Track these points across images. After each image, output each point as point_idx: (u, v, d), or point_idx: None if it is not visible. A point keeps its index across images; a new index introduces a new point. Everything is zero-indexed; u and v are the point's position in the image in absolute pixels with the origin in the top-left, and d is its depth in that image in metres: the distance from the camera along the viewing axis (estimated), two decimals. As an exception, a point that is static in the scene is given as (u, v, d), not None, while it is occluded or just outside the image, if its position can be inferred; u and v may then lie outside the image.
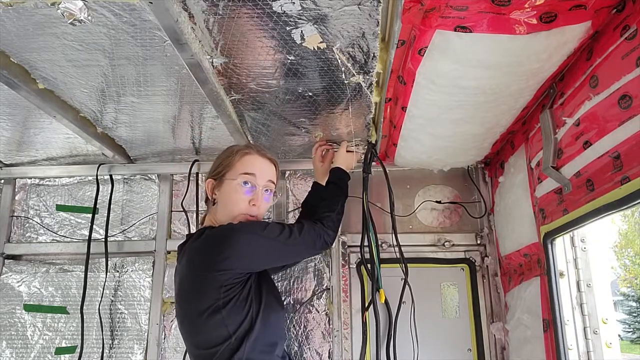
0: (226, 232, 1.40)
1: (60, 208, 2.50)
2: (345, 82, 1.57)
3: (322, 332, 2.26)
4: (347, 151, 2.05)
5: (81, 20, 1.18)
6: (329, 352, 2.23)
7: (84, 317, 2.23)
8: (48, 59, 1.43)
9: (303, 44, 1.33)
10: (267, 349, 1.41)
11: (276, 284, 1.72)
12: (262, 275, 1.50)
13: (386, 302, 2.09)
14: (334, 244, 2.24)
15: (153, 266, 2.35)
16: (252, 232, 1.42)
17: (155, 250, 2.37)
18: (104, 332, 2.26)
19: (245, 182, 1.52)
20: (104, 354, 2.23)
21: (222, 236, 1.39)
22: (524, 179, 1.88)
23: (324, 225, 1.66)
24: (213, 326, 1.35)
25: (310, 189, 2.05)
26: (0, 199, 2.51)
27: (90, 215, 2.38)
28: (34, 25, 1.25)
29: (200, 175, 2.41)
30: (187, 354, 1.55)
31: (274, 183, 1.62)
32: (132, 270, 2.36)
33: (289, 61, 1.44)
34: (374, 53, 1.40)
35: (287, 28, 1.26)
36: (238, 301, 1.36)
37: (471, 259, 2.32)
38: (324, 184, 1.96)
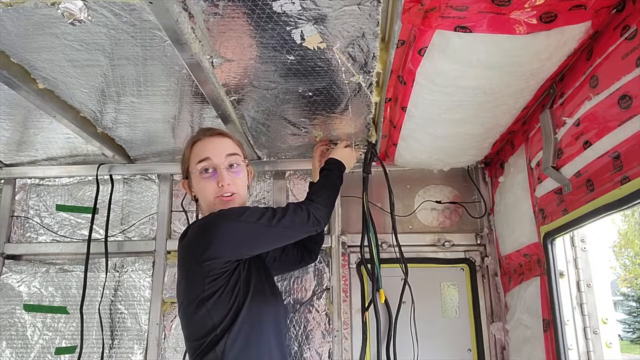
0: (205, 222, 1.41)
1: (60, 208, 2.50)
2: (345, 82, 1.57)
3: (322, 332, 2.26)
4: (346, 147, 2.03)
5: (81, 20, 1.18)
6: (329, 352, 2.22)
7: (84, 317, 2.23)
8: (48, 59, 1.43)
9: (303, 44, 1.33)
10: (256, 342, 1.38)
11: (276, 283, 1.70)
12: (253, 266, 1.48)
13: (386, 302, 2.09)
14: (335, 243, 2.29)
15: (153, 266, 2.35)
16: (230, 219, 1.39)
17: (155, 250, 2.37)
18: (104, 332, 2.25)
19: (206, 169, 1.51)
20: (104, 354, 2.23)
21: (201, 227, 1.40)
22: (524, 179, 1.88)
23: (312, 201, 1.61)
24: (200, 318, 1.35)
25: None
26: (0, 199, 2.50)
27: (90, 215, 2.38)
28: (34, 25, 1.25)
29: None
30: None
31: (237, 154, 1.56)
32: (132, 270, 2.36)
33: (289, 61, 1.44)
34: (374, 53, 1.39)
35: (287, 28, 1.26)
36: (224, 293, 1.35)
37: (471, 259, 2.32)
38: None
